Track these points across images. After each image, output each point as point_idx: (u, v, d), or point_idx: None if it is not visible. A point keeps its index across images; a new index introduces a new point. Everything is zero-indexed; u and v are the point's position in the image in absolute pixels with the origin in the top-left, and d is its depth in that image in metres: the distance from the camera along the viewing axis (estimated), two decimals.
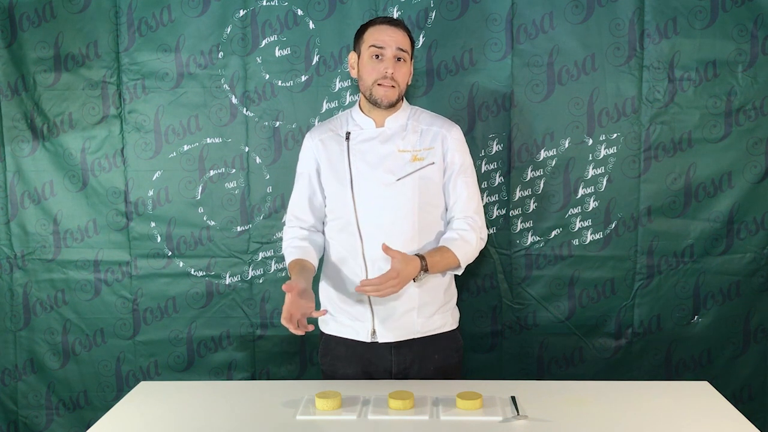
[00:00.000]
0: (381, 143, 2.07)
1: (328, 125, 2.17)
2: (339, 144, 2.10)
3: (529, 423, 1.71)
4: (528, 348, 2.65)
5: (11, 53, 2.57)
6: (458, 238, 2.03)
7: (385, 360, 2.09)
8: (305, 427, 1.72)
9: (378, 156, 2.06)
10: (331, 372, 2.15)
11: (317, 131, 2.16)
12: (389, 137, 2.08)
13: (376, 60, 2.01)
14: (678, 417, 1.75)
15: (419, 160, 2.05)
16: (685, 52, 2.48)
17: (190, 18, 2.54)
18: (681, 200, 2.56)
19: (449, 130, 2.10)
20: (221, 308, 2.67)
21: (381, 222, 2.03)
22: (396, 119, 2.09)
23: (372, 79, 2.02)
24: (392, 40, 2.00)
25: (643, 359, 2.63)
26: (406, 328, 2.07)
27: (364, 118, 2.10)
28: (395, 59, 2.01)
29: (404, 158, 2.06)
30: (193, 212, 2.63)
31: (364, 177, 2.05)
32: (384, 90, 2.01)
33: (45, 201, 2.63)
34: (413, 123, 2.10)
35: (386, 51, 2.00)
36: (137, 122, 2.59)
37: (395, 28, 2.02)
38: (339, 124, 2.14)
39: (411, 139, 2.08)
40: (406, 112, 2.12)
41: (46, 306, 2.69)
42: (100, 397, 2.72)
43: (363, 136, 2.09)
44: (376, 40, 2.01)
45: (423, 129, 2.09)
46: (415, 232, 2.04)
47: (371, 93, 2.03)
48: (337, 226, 2.09)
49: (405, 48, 2.02)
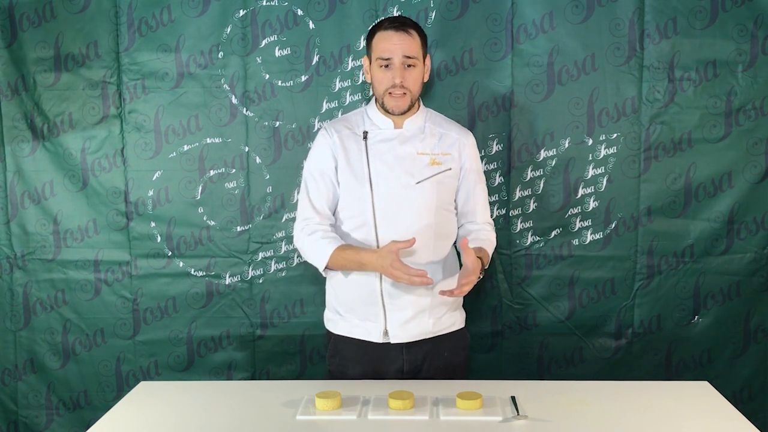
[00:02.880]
0: (400, 144, 2.08)
1: (342, 123, 2.15)
2: (356, 143, 2.09)
3: (529, 423, 1.71)
4: (528, 348, 2.65)
5: (11, 53, 2.57)
6: (487, 240, 2.15)
7: (397, 360, 2.09)
8: (305, 427, 1.72)
9: (397, 157, 2.06)
10: (340, 373, 2.14)
11: (333, 128, 2.13)
12: (408, 139, 2.09)
13: (385, 69, 2.02)
14: (678, 417, 1.75)
15: (437, 164, 2.07)
16: (685, 52, 2.48)
17: (190, 18, 2.54)
18: (681, 200, 2.56)
19: (467, 137, 2.16)
20: (221, 308, 2.67)
21: (399, 224, 2.03)
22: (414, 121, 2.10)
23: (383, 88, 2.03)
24: (398, 48, 1.99)
25: (643, 359, 2.63)
26: (418, 329, 2.07)
27: (382, 118, 2.10)
28: (404, 66, 2.01)
29: (423, 161, 2.07)
30: (193, 212, 2.63)
31: (384, 177, 2.05)
32: (395, 100, 2.03)
33: (45, 201, 2.63)
34: (430, 126, 2.12)
35: (393, 60, 2.00)
36: (137, 122, 2.59)
37: (401, 34, 2.00)
38: (355, 123, 2.13)
39: (429, 142, 2.09)
40: (422, 114, 2.14)
41: (46, 306, 2.69)
42: (100, 397, 2.72)
43: (381, 136, 2.09)
44: (382, 51, 2.01)
45: (441, 133, 2.12)
46: (431, 236, 2.05)
47: (383, 102, 2.06)
48: (352, 225, 2.08)
49: (412, 54, 2.01)
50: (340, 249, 2.00)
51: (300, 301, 2.65)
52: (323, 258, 2.02)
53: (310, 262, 2.10)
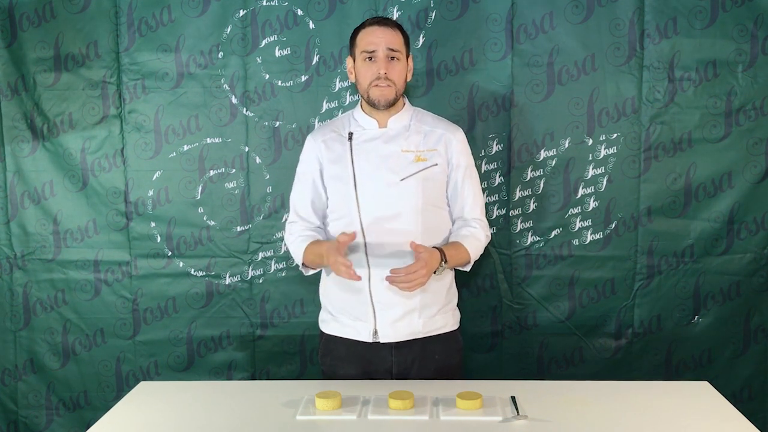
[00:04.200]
0: (384, 143, 2.08)
1: (330, 126, 2.17)
2: (342, 144, 2.10)
3: (529, 423, 1.71)
4: (528, 348, 2.65)
5: (11, 53, 2.57)
6: (469, 235, 2.10)
7: (386, 360, 2.09)
8: (305, 427, 1.72)
9: (381, 156, 2.07)
10: (332, 373, 2.15)
11: (319, 132, 2.17)
12: (392, 137, 2.09)
13: (369, 63, 2.03)
14: (678, 417, 1.75)
15: (423, 161, 2.07)
16: (685, 52, 2.48)
17: (190, 18, 2.54)
18: (681, 200, 2.55)
19: (453, 132, 2.13)
20: (221, 308, 2.67)
21: (384, 221, 2.04)
22: (399, 120, 2.10)
23: (367, 81, 2.04)
24: (382, 41, 2.01)
25: (643, 359, 2.63)
26: (408, 329, 2.07)
27: (366, 118, 2.11)
28: (388, 58, 2.02)
29: (407, 158, 2.07)
30: (193, 212, 2.63)
31: (368, 176, 2.05)
32: (380, 90, 2.03)
33: (45, 201, 2.63)
34: (416, 124, 2.12)
35: (378, 52, 2.02)
36: (137, 122, 2.59)
37: (384, 28, 2.03)
38: (341, 125, 2.15)
39: (414, 140, 2.09)
40: (408, 112, 2.13)
41: (46, 306, 2.69)
42: (100, 397, 2.72)
43: (366, 136, 2.10)
44: (366, 44, 2.03)
45: (426, 130, 2.12)
46: (418, 233, 2.04)
47: (368, 95, 2.05)
48: (340, 226, 2.09)
49: (396, 47, 2.03)
50: (309, 245, 2.08)
51: (300, 301, 2.65)
52: (299, 256, 2.12)
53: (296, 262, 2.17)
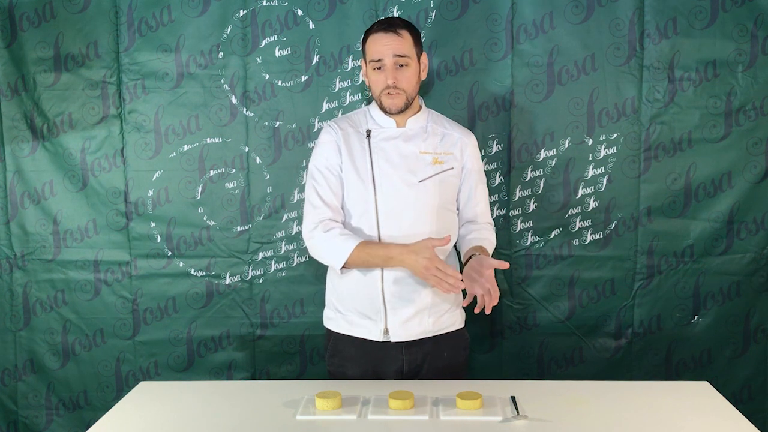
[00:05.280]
0: (403, 142, 2.08)
1: (346, 121, 2.15)
2: (360, 141, 2.09)
3: (529, 423, 1.71)
4: (528, 348, 2.65)
5: (11, 53, 2.57)
6: (486, 239, 2.15)
7: (397, 359, 2.09)
8: (305, 427, 1.72)
9: (400, 156, 2.07)
10: (340, 372, 2.13)
11: (337, 124, 2.12)
12: (410, 138, 2.09)
13: (378, 71, 2.03)
14: (678, 417, 1.75)
15: (439, 164, 2.08)
16: (685, 52, 2.48)
17: (190, 18, 2.54)
18: (681, 200, 2.55)
19: (468, 137, 2.17)
20: (221, 308, 2.67)
21: (401, 222, 2.04)
22: (416, 120, 2.11)
23: (378, 89, 2.05)
24: (388, 49, 2.00)
25: (643, 359, 2.63)
26: (419, 327, 2.07)
27: (384, 117, 2.10)
28: (396, 66, 2.01)
29: (425, 160, 2.08)
30: (193, 212, 2.63)
31: (387, 176, 2.05)
32: (391, 99, 2.04)
33: (45, 201, 2.63)
34: (432, 125, 2.13)
35: (385, 62, 2.01)
36: (137, 122, 2.59)
37: (390, 35, 2.00)
38: (358, 121, 2.13)
39: (432, 142, 2.10)
40: (425, 114, 2.15)
41: (46, 306, 2.69)
42: (100, 397, 2.72)
43: (384, 134, 2.09)
44: (373, 53, 2.03)
45: (444, 133, 2.13)
46: (431, 234, 2.04)
47: (381, 102, 2.07)
48: (354, 223, 2.07)
49: (403, 52, 2.01)
50: (362, 245, 1.97)
51: (300, 301, 2.65)
52: (343, 255, 1.98)
53: (324, 259, 2.05)
